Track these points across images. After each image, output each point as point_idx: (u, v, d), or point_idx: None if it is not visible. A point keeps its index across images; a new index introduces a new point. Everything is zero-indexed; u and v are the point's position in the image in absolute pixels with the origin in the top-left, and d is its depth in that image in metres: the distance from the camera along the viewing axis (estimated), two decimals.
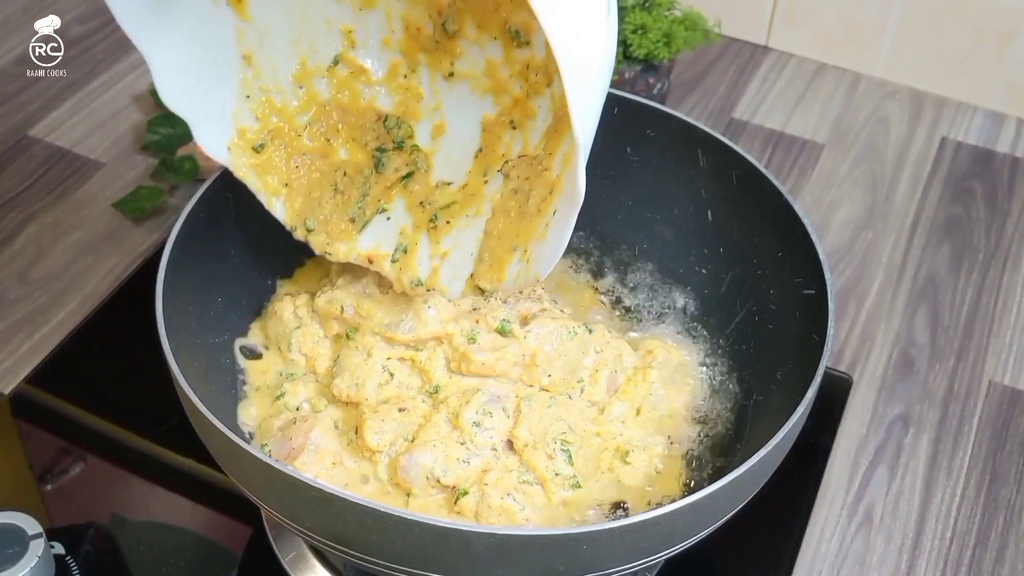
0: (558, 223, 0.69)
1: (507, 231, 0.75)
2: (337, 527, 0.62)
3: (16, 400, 0.94)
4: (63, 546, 0.80)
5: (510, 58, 0.74)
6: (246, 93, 0.75)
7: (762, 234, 0.82)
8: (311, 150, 0.78)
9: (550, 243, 0.70)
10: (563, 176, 0.71)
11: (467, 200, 0.78)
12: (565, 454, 0.73)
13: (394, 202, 0.79)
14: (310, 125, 0.78)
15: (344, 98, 0.78)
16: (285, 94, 0.76)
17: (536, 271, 0.71)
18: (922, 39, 1.32)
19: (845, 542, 0.89)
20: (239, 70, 0.74)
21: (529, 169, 0.75)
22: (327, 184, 0.78)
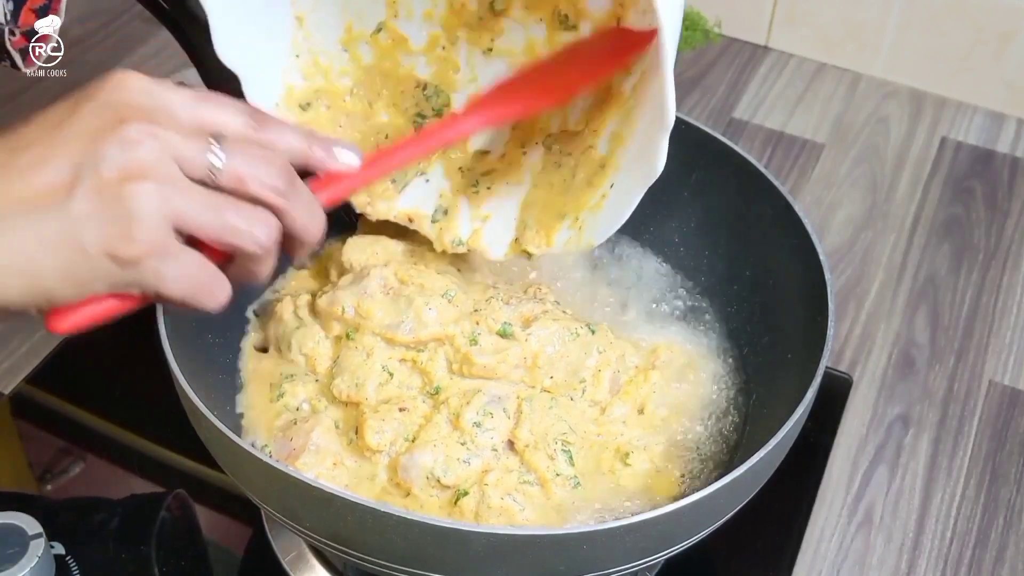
0: (619, 196, 0.71)
1: (552, 202, 0.77)
2: (337, 527, 0.62)
3: (16, 400, 0.94)
4: (63, 546, 0.80)
5: (553, 40, 0.76)
6: (296, 53, 0.77)
7: (762, 234, 0.82)
8: (354, 112, 0.80)
9: (608, 213, 0.72)
10: (616, 152, 0.72)
11: (506, 169, 0.80)
12: (566, 454, 0.73)
13: (434, 167, 0.82)
14: (354, 88, 0.80)
15: (385, 64, 0.80)
16: (331, 56, 0.79)
17: (589, 239, 0.74)
18: (922, 39, 1.32)
19: (845, 542, 0.89)
20: (291, 30, 0.76)
21: (571, 145, 0.77)
22: (369, 146, 0.80)
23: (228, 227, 0.55)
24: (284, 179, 0.57)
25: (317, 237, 0.60)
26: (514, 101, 0.73)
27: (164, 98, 0.55)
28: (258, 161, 0.56)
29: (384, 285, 0.78)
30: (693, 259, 0.89)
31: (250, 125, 0.57)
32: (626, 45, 0.72)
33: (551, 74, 0.74)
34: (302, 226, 0.58)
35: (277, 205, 0.57)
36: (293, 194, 0.57)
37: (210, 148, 0.55)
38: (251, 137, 0.57)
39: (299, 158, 0.60)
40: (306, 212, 0.58)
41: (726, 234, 0.86)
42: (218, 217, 0.55)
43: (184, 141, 0.54)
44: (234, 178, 0.55)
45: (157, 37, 1.34)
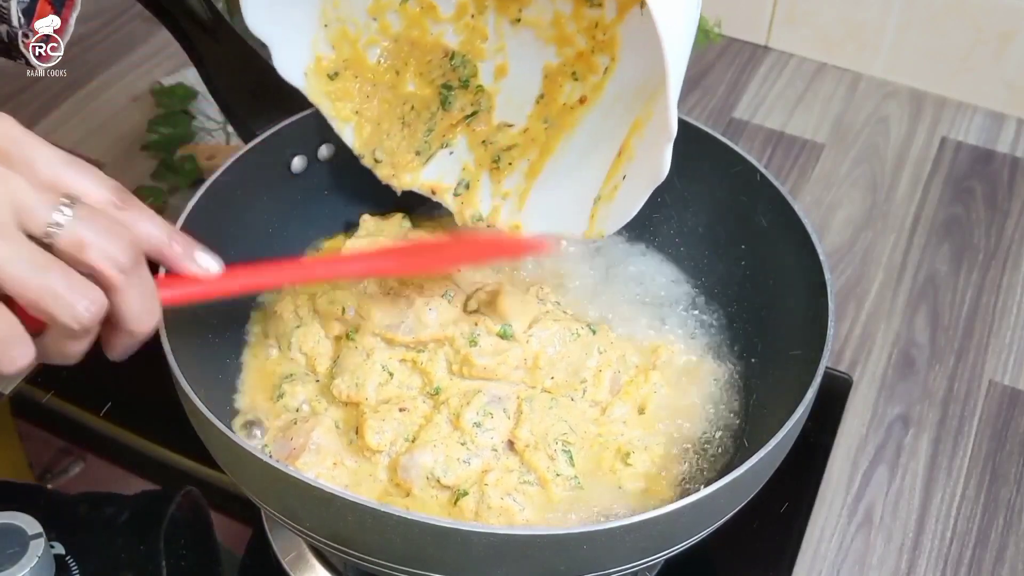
0: (629, 191, 0.72)
1: None
2: (337, 527, 0.62)
3: (16, 400, 0.94)
4: (63, 546, 0.80)
5: (579, 15, 0.77)
6: (324, 22, 0.78)
7: (762, 234, 0.82)
8: (382, 81, 0.81)
9: (618, 205, 0.73)
10: (632, 141, 0.73)
11: (528, 145, 0.81)
12: (566, 455, 0.72)
13: (457, 139, 0.83)
14: (382, 57, 0.81)
15: (413, 33, 0.81)
16: (360, 25, 0.80)
17: (601, 228, 0.74)
18: (922, 39, 1.32)
19: (845, 542, 0.89)
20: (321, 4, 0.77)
21: None
22: (395, 116, 0.82)
23: (48, 291, 0.50)
24: (129, 257, 0.52)
25: (146, 331, 0.56)
26: (393, 260, 0.76)
27: (31, 148, 0.52)
28: (106, 232, 0.52)
29: (384, 286, 0.78)
30: (693, 259, 0.89)
31: (112, 201, 0.54)
32: (514, 248, 0.78)
33: (442, 251, 0.79)
34: (135, 314, 0.54)
35: (114, 283, 0.52)
36: (134, 276, 0.53)
37: (58, 206, 0.51)
38: (108, 213, 0.53)
39: (155, 249, 0.56)
40: (142, 299, 0.54)
41: (726, 234, 0.86)
42: (39, 277, 0.50)
43: (32, 192, 0.50)
44: (74, 242, 0.51)
45: (157, 37, 1.34)
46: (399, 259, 0.76)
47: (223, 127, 1.19)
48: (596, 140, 0.77)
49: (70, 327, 0.52)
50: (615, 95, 0.77)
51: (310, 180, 0.87)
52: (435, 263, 0.77)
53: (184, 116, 1.20)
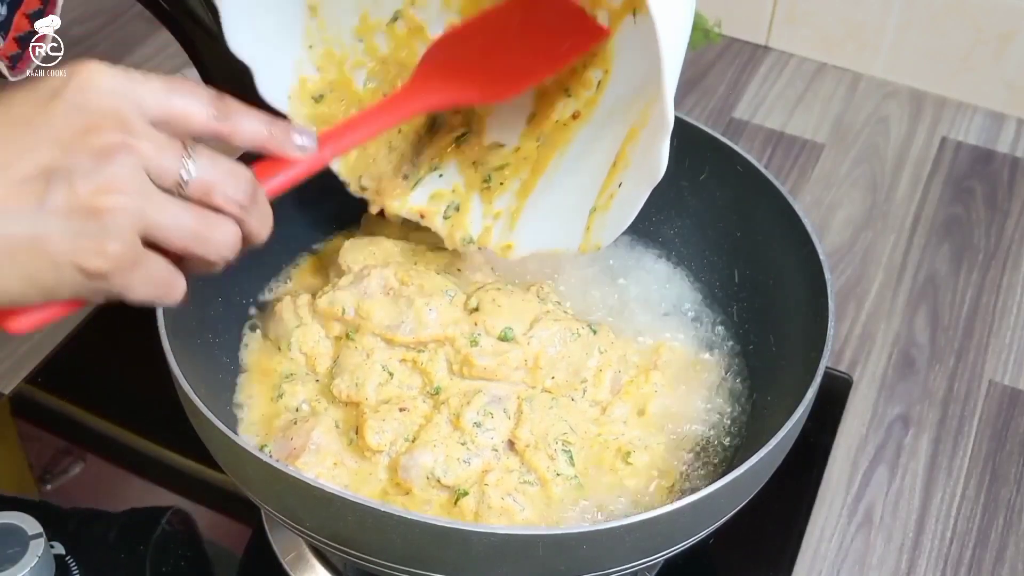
0: (626, 196, 0.70)
1: None
2: (337, 527, 0.62)
3: (16, 400, 0.94)
4: (63, 546, 0.80)
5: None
6: (309, 43, 0.77)
7: (762, 234, 0.82)
8: (368, 104, 0.79)
9: (614, 214, 0.71)
10: (627, 149, 0.72)
11: (520, 163, 0.80)
12: (566, 455, 0.73)
13: (447, 162, 0.81)
14: (368, 79, 0.80)
15: (402, 54, 0.79)
16: (346, 47, 0.78)
17: (597, 240, 0.73)
18: (922, 39, 1.32)
19: (845, 542, 0.89)
20: (304, 20, 0.76)
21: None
22: (382, 141, 0.80)
23: (196, 238, 0.56)
24: (247, 191, 0.58)
25: (263, 240, 0.62)
26: (472, 83, 0.73)
27: (134, 95, 0.55)
28: (226, 174, 0.57)
29: (384, 286, 0.78)
30: (693, 259, 0.89)
31: (214, 115, 0.58)
32: (586, 31, 0.73)
33: (509, 51, 0.74)
34: (255, 232, 0.60)
35: (238, 215, 0.58)
36: (253, 205, 0.59)
37: (181, 160, 0.56)
38: (214, 129, 0.58)
39: (259, 145, 0.61)
40: (260, 219, 0.60)
41: (726, 234, 0.86)
42: (187, 229, 0.56)
43: (157, 152, 0.55)
44: (202, 189, 0.56)
45: (157, 37, 1.34)
46: (472, 80, 0.73)
47: None
48: (590, 153, 0.76)
49: (215, 262, 0.58)
50: (610, 107, 0.76)
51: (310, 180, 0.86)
52: (508, 80, 0.74)
53: None
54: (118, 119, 0.54)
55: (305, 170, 0.64)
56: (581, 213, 0.74)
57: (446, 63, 0.73)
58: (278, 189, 0.63)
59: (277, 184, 0.63)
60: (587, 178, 0.75)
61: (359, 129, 0.69)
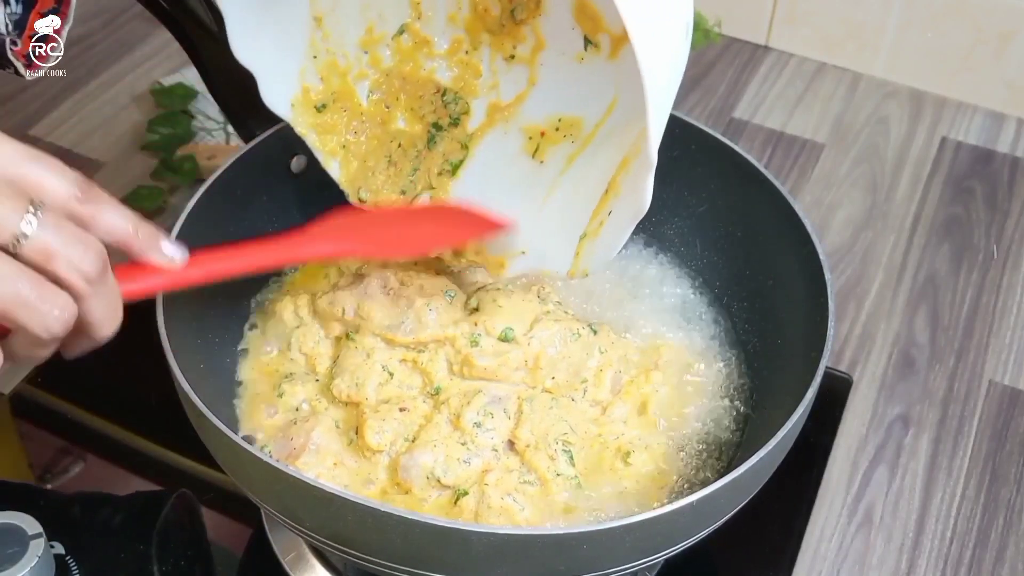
0: (615, 225, 0.70)
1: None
2: (337, 527, 0.62)
3: (16, 400, 0.94)
4: (63, 546, 0.80)
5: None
6: (313, 53, 0.77)
7: (762, 234, 0.82)
8: (370, 115, 0.80)
9: (603, 242, 0.71)
10: (619, 178, 0.72)
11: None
12: (567, 455, 0.73)
13: (444, 183, 0.81)
14: (372, 91, 0.80)
15: (406, 67, 0.79)
16: (350, 58, 0.78)
17: (585, 266, 0.73)
18: (922, 39, 1.32)
19: (845, 542, 0.89)
20: (309, 30, 0.76)
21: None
22: (381, 153, 0.80)
23: (19, 301, 0.50)
24: (95, 266, 0.52)
25: (108, 335, 0.56)
26: (368, 244, 0.74)
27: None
28: (73, 240, 0.51)
29: (384, 286, 0.78)
30: (693, 259, 0.89)
31: (75, 196, 0.53)
32: (490, 226, 0.75)
33: (417, 230, 0.76)
34: (98, 320, 0.54)
35: (80, 292, 0.52)
36: (100, 284, 0.53)
37: (24, 215, 0.50)
38: (73, 209, 0.53)
39: (120, 240, 0.56)
40: (105, 306, 0.54)
41: (726, 234, 0.86)
42: (10, 288, 0.49)
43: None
44: (42, 251, 0.50)
45: (157, 37, 1.34)
46: (368, 240, 0.74)
47: (223, 127, 1.19)
48: (585, 179, 0.76)
49: (39, 336, 0.51)
50: (607, 133, 0.76)
51: (310, 180, 0.86)
52: (404, 246, 0.75)
53: (184, 116, 1.20)
54: None
55: (167, 283, 0.60)
56: (572, 237, 0.74)
57: (345, 223, 0.74)
58: (133, 294, 0.58)
59: (137, 287, 0.58)
60: (580, 204, 0.74)
61: (237, 259, 0.66)
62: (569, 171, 0.77)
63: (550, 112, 0.78)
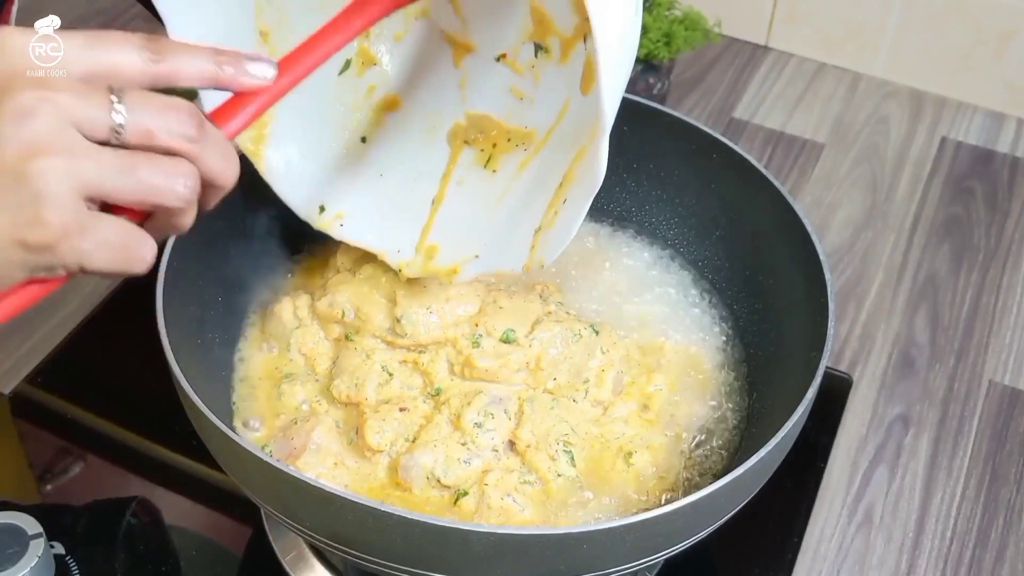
0: (569, 210, 0.69)
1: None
2: (337, 527, 0.62)
3: (16, 400, 0.94)
4: (63, 546, 0.80)
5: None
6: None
7: (762, 234, 0.82)
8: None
9: (558, 229, 0.69)
10: (574, 169, 0.71)
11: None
12: (567, 455, 0.72)
13: None
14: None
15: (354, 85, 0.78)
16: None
17: (541, 256, 0.71)
18: (922, 39, 1.32)
19: (845, 542, 0.89)
20: (255, 45, 0.74)
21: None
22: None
23: (146, 187, 0.51)
24: (193, 124, 0.52)
25: (232, 180, 0.55)
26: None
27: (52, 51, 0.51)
28: (163, 109, 0.51)
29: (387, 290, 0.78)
30: (694, 260, 0.89)
31: (148, 59, 0.52)
32: None
33: None
34: (218, 170, 0.54)
35: (190, 152, 0.52)
36: (204, 138, 0.53)
37: (111, 105, 0.50)
38: (152, 75, 0.53)
39: (208, 80, 0.55)
40: (219, 155, 0.54)
41: (726, 234, 0.86)
42: (133, 178, 0.50)
43: (81, 102, 0.50)
44: (141, 132, 0.50)
45: None
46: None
47: None
48: (539, 178, 0.75)
49: (177, 208, 0.52)
50: (561, 134, 0.75)
51: None
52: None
53: None
54: (33, 77, 0.50)
55: (266, 102, 0.58)
56: (527, 233, 0.72)
57: None
58: (241, 127, 0.57)
59: (239, 123, 0.57)
60: (534, 201, 0.73)
61: (316, 49, 0.62)
62: (522, 175, 0.76)
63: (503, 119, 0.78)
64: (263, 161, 0.76)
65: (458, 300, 0.77)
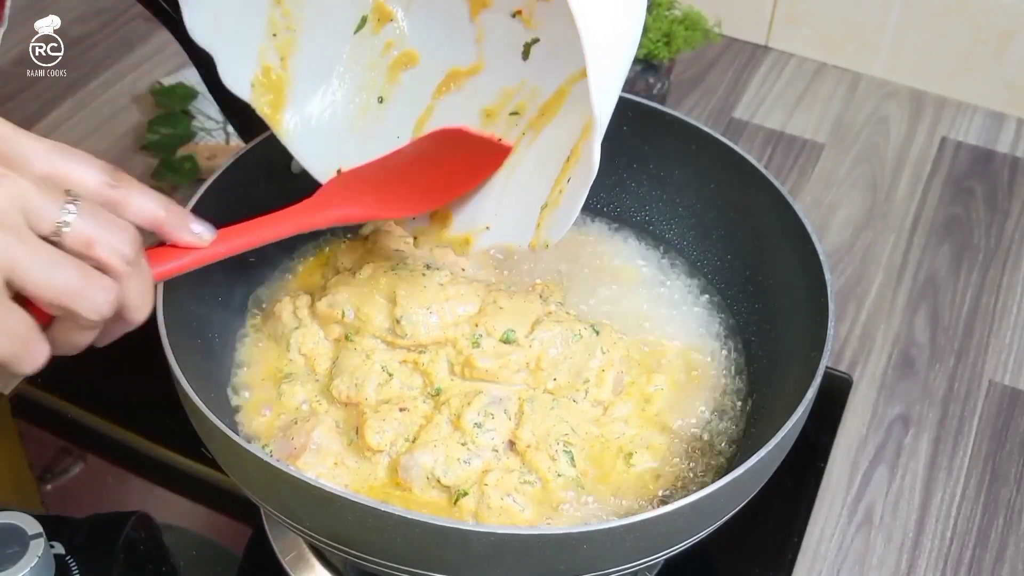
0: (571, 193, 0.69)
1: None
2: (337, 527, 0.62)
3: (16, 400, 0.94)
4: (63, 546, 0.80)
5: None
6: (273, 31, 0.75)
7: (762, 234, 0.82)
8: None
9: (561, 211, 0.70)
10: (580, 145, 0.71)
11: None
12: (567, 455, 0.72)
13: None
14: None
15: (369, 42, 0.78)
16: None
17: (547, 236, 0.71)
18: (922, 39, 1.32)
19: (845, 542, 0.89)
20: (268, 8, 0.74)
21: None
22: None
23: (67, 288, 0.51)
24: (133, 247, 0.54)
25: (140, 318, 0.57)
26: (378, 203, 0.73)
27: (21, 145, 0.53)
28: (109, 224, 0.53)
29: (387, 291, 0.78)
30: (694, 260, 0.89)
31: (106, 183, 0.55)
32: (496, 153, 0.74)
33: (420, 177, 0.75)
34: (135, 302, 0.55)
35: (120, 273, 0.53)
36: (136, 266, 0.55)
37: (63, 204, 0.52)
38: (106, 195, 0.55)
39: (151, 222, 0.57)
40: (142, 288, 0.55)
41: (726, 235, 0.86)
42: (59, 276, 0.51)
43: (38, 191, 0.51)
44: (82, 238, 0.52)
45: (157, 37, 1.34)
46: (382, 198, 0.73)
47: (223, 127, 1.19)
48: (549, 150, 0.75)
49: (90, 319, 0.53)
50: (571, 104, 0.74)
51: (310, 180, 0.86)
52: (416, 199, 0.74)
53: (184, 116, 1.20)
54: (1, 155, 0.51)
55: (197, 260, 0.61)
56: (534, 208, 0.72)
57: (353, 183, 0.74)
58: (165, 274, 0.60)
59: (167, 269, 0.60)
60: (543, 173, 0.73)
61: (258, 232, 0.67)
62: (533, 146, 0.76)
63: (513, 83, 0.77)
64: (281, 125, 0.77)
65: (458, 300, 0.77)
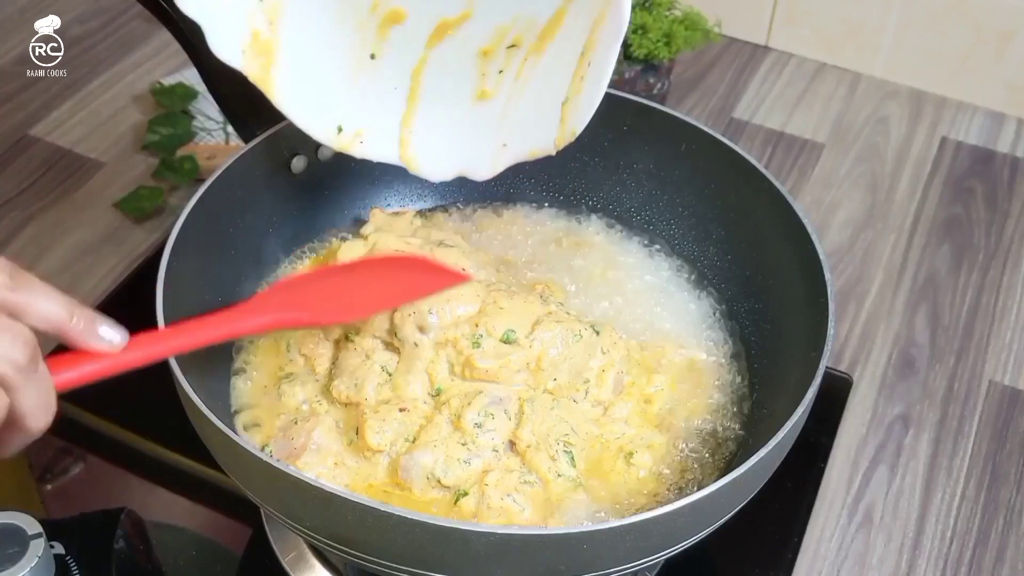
0: (596, 68, 0.67)
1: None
2: (337, 527, 0.62)
3: None
4: (63, 546, 0.80)
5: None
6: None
7: (762, 235, 0.82)
8: None
9: (586, 93, 0.68)
10: (594, 36, 0.69)
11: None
12: (568, 455, 0.72)
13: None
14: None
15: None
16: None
17: (573, 126, 0.70)
18: (922, 39, 1.32)
19: (845, 542, 0.89)
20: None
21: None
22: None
23: None
24: (25, 354, 0.50)
25: (40, 430, 0.53)
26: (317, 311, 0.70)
27: None
28: (1, 331, 0.50)
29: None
30: (694, 260, 0.89)
31: (4, 284, 0.52)
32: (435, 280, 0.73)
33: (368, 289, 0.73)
34: (30, 412, 0.52)
35: (9, 381, 0.50)
36: (31, 374, 0.51)
37: None
38: (3, 297, 0.52)
39: (55, 326, 0.54)
40: (39, 397, 0.52)
41: (726, 235, 0.86)
42: None
43: None
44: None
45: (157, 37, 1.34)
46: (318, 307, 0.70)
47: (223, 127, 1.19)
48: (560, 58, 0.73)
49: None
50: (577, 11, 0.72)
51: (310, 180, 0.87)
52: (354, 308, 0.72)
53: (184, 116, 1.20)
54: None
55: (107, 368, 0.57)
56: (554, 110, 0.71)
57: (292, 292, 0.71)
58: (69, 383, 0.55)
59: (72, 377, 0.56)
60: (556, 80, 0.72)
61: (183, 337, 0.63)
62: (540, 59, 0.75)
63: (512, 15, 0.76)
64: (274, 88, 0.75)
65: (458, 300, 0.77)
